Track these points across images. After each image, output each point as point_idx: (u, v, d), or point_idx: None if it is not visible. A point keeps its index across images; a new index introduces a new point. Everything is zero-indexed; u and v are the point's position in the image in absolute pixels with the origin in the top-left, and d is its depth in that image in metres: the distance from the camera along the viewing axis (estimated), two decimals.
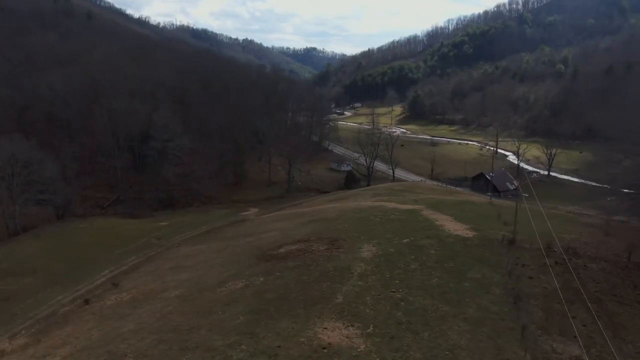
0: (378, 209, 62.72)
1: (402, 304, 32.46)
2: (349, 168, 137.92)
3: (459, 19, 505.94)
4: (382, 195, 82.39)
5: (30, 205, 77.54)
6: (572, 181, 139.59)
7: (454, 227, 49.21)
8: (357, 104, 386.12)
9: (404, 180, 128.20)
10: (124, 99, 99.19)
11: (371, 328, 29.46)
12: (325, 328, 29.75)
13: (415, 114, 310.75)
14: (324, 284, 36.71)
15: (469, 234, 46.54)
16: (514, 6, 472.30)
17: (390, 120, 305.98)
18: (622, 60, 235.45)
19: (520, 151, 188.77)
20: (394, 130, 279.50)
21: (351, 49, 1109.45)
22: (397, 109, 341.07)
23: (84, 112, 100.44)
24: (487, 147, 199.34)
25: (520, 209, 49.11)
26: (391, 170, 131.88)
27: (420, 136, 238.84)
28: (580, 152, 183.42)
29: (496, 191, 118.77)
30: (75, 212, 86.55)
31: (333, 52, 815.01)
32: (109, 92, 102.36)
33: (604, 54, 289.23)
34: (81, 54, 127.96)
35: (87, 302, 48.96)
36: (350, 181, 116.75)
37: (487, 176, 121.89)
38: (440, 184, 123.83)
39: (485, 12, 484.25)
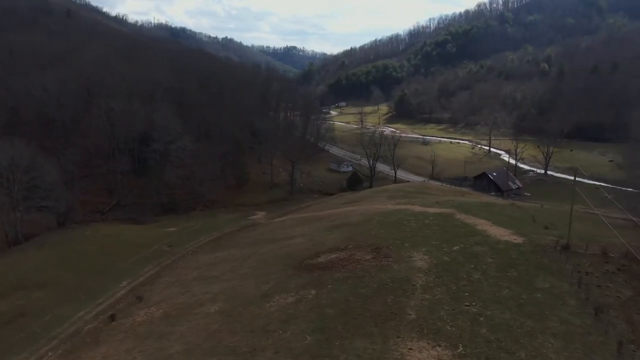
0: (406, 212, 60.82)
1: (482, 319, 30.53)
2: (349, 169, 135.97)
3: (441, 18, 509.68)
4: (398, 197, 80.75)
5: (31, 212, 73.23)
6: (570, 179, 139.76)
7: (497, 232, 47.60)
8: (342, 103, 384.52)
9: (406, 181, 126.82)
10: (122, 99, 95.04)
11: (461, 348, 27.45)
12: (410, 349, 27.66)
13: (402, 113, 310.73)
14: (387, 298, 34.58)
15: (517, 239, 44.95)
16: (494, 5, 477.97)
17: (378, 120, 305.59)
18: (604, 60, 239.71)
19: (513, 150, 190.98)
20: (383, 129, 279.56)
21: (330, 48, 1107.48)
22: (383, 108, 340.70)
23: (80, 114, 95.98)
24: (480, 146, 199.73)
25: (542, 210, 48.02)
26: (390, 171, 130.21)
27: (411, 135, 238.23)
28: (571, 150, 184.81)
29: (499, 191, 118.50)
30: (75, 219, 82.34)
31: (313, 51, 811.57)
32: (106, 92, 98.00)
33: (586, 52, 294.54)
34: (70, 53, 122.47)
35: (113, 318, 45.77)
36: (355, 182, 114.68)
37: (489, 176, 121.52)
38: (442, 184, 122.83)
39: (467, 12, 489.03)
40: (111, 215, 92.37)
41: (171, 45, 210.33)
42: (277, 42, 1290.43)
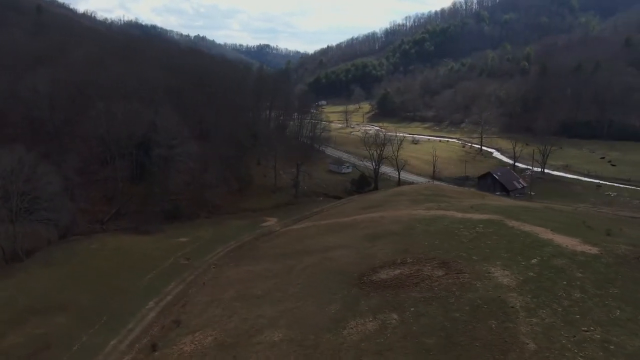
0: (448, 219, 57.73)
1: (612, 347, 27.52)
2: (349, 170, 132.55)
3: (417, 16, 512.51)
4: (421, 201, 77.72)
5: (33, 225, 66.93)
6: (568, 177, 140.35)
7: (565, 241, 44.84)
8: (322, 102, 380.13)
9: (410, 182, 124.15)
10: (120, 100, 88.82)
11: None
12: None
13: (385, 112, 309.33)
14: (489, 323, 31.25)
15: (592, 249, 42.28)
16: (469, 4, 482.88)
17: (361, 119, 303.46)
18: (583, 58, 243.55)
19: (504, 148, 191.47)
20: (368, 128, 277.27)
21: (301, 46, 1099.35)
22: (365, 107, 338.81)
23: (74, 116, 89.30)
24: (470, 144, 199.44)
25: (582, 214, 45.77)
26: (394, 172, 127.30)
27: (399, 135, 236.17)
28: (561, 148, 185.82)
29: (504, 190, 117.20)
30: (77, 230, 76.11)
31: (287, 49, 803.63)
32: (102, 93, 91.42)
33: (564, 51, 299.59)
34: (56, 52, 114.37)
35: (154, 347, 40.98)
36: (362, 184, 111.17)
37: (494, 175, 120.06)
38: (448, 185, 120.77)
39: (442, 10, 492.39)
40: (112, 224, 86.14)
41: (163, 44, 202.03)
42: (247, 40, 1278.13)
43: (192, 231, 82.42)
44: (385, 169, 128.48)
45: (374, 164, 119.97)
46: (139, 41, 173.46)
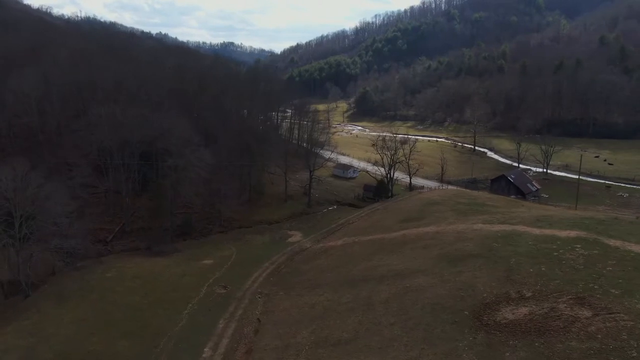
0: (530, 237, 51.78)
1: None
2: (355, 174, 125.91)
3: (386, 14, 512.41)
4: (468, 212, 71.72)
5: (40, 252, 56.84)
6: (573, 178, 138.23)
7: None
8: (296, 101, 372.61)
9: (420, 187, 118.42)
10: (123, 104, 78.82)
11: None
12: None
13: (364, 111, 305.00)
14: None
15: None
16: (438, 3, 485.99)
17: (341, 118, 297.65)
18: (557, 57, 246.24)
19: (492, 147, 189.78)
20: (350, 127, 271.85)
21: (261, 44, 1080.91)
22: (342, 106, 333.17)
23: (70, 123, 78.53)
24: (460, 144, 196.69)
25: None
26: (405, 177, 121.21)
27: (384, 134, 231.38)
28: (552, 147, 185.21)
29: (520, 193, 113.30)
30: (83, 255, 65.97)
31: (251, 46, 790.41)
32: (101, 96, 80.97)
33: (539, 49, 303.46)
34: (31, 52, 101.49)
35: None
36: (381, 191, 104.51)
37: (509, 178, 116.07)
38: (470, 190, 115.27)
39: (412, 8, 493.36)
40: (117, 244, 76.24)
41: (151, 42, 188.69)
42: (206, 37, 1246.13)
43: (212, 250, 73.76)
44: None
45: (385, 168, 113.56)
46: (125, 40, 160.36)
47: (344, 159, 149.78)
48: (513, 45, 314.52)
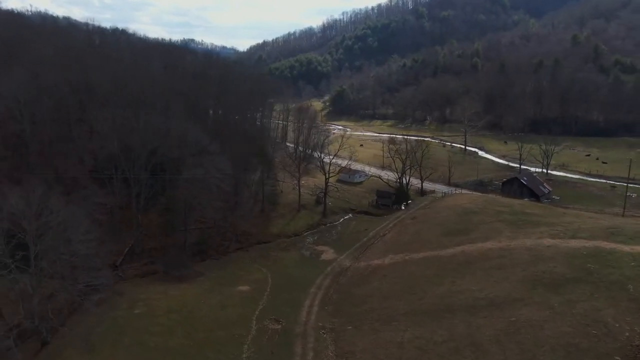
0: (626, 255, 47.15)
1: None
2: (362, 179, 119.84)
3: (354, 12, 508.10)
4: (520, 223, 66.99)
5: (50, 286, 47.64)
6: (575, 178, 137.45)
7: None
8: (269, 99, 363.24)
9: (431, 191, 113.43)
10: (125, 109, 69.33)
11: None
12: None
13: (340, 110, 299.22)
14: None
15: None
16: (405, 1, 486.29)
17: (319, 117, 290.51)
18: (533, 55, 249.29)
19: (482, 147, 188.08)
20: (331, 126, 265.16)
21: (219, 41, 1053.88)
22: (317, 104, 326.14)
23: (66, 130, 68.43)
24: (450, 143, 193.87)
25: None
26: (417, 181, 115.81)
27: (368, 133, 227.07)
28: (541, 146, 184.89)
29: (534, 196, 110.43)
30: (106, 287, 56.44)
31: (213, 43, 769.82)
32: (100, 99, 71.04)
33: (511, 47, 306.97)
34: (8, 50, 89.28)
35: None
36: (401, 198, 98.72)
37: (522, 180, 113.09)
38: (492, 196, 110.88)
39: (379, 6, 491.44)
40: (129, 268, 67.03)
41: (135, 40, 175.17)
42: (161, 34, 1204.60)
43: (240, 272, 65.85)
44: (390, 174, 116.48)
45: (398, 174, 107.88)
46: (103, 38, 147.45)
47: (342, 162, 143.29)
48: (485, 44, 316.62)
